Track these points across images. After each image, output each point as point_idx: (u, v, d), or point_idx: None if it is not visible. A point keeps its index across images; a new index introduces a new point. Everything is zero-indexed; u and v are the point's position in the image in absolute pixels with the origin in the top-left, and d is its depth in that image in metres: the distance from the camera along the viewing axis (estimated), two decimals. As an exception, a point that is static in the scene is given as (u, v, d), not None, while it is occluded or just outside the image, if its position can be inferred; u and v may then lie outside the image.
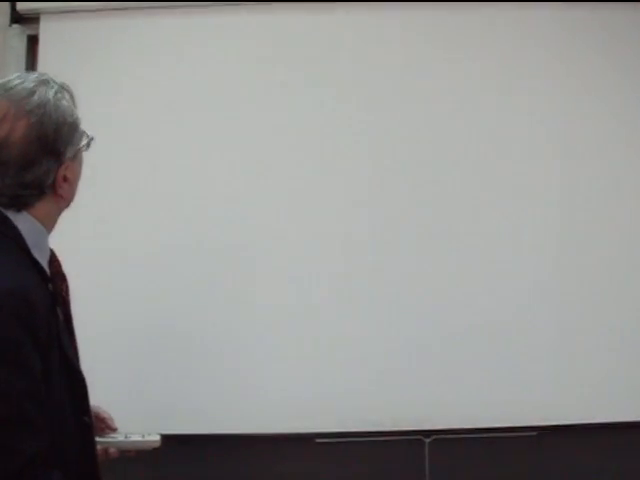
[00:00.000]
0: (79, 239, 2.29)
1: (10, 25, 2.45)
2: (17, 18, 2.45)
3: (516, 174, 2.33)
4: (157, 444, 1.61)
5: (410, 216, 2.32)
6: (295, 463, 2.26)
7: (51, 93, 1.34)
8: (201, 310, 2.27)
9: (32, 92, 1.32)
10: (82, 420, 1.36)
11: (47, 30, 2.40)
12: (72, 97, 1.40)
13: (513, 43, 2.37)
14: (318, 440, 2.23)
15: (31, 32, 2.45)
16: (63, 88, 1.38)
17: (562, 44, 2.37)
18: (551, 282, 2.29)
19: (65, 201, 1.40)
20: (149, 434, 1.61)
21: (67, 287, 1.45)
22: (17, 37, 2.46)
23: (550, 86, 2.35)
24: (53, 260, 1.43)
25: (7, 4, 2.44)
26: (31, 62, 2.44)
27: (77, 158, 1.40)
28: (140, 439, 1.60)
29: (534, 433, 2.22)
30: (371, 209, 2.32)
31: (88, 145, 1.44)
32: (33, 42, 2.44)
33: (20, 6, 2.42)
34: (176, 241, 2.29)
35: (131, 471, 2.22)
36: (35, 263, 1.32)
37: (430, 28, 2.38)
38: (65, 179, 1.36)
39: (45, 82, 1.36)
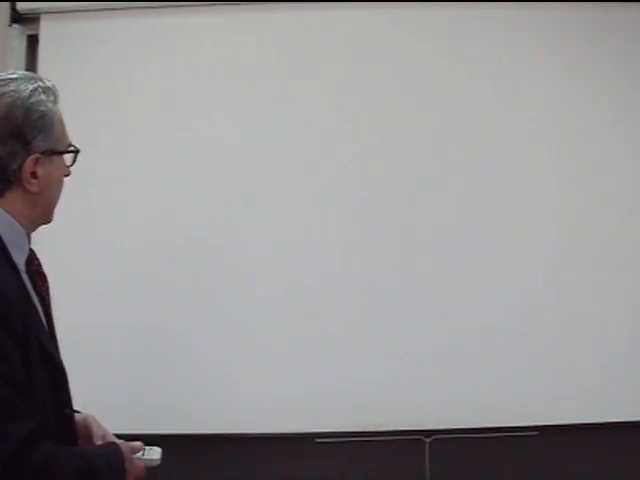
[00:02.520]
0: (77, 238, 2.30)
1: (10, 25, 2.45)
2: (17, 18, 2.45)
3: (515, 174, 2.33)
4: (156, 463, 1.47)
5: (410, 217, 2.32)
6: (295, 463, 2.26)
7: (31, 85, 1.35)
8: (201, 310, 2.28)
9: (12, 80, 1.35)
10: (64, 413, 1.37)
11: (47, 30, 2.40)
12: (56, 99, 1.40)
13: (513, 43, 2.37)
14: (318, 440, 2.23)
15: (31, 32, 2.45)
16: (49, 88, 1.39)
17: (562, 43, 2.37)
18: (551, 283, 2.29)
19: (39, 201, 1.37)
20: (150, 449, 1.48)
21: (47, 287, 1.44)
22: (17, 37, 2.46)
23: (550, 85, 2.35)
24: (33, 259, 1.42)
25: (7, 4, 2.44)
26: (31, 62, 2.44)
27: (53, 160, 1.38)
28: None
29: (534, 433, 2.22)
30: (372, 209, 2.32)
31: (74, 157, 1.44)
32: (33, 42, 2.44)
33: (20, 6, 2.42)
34: (173, 241, 2.30)
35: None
36: (8, 258, 1.32)
37: (430, 28, 2.38)
38: (35, 175, 1.35)
39: (30, 78, 1.38)
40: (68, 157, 1.44)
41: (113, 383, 2.23)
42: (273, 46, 2.37)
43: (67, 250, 2.28)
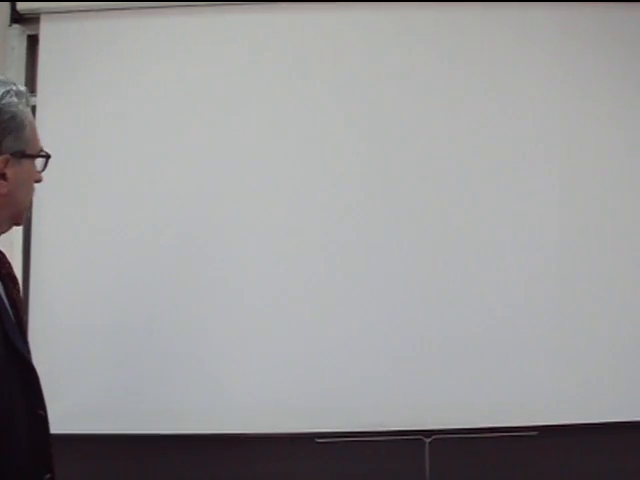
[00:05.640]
0: (74, 239, 2.31)
1: (10, 25, 2.45)
2: (17, 18, 2.44)
3: (514, 175, 2.32)
4: None
5: (408, 217, 2.31)
6: (295, 463, 2.26)
7: (3, 88, 1.37)
8: (201, 310, 2.27)
9: None
10: (36, 413, 1.37)
11: (47, 30, 2.40)
12: (27, 102, 1.42)
13: (512, 43, 2.36)
14: (318, 440, 2.23)
15: (31, 32, 2.44)
16: (21, 92, 1.40)
17: (561, 44, 2.36)
18: (551, 282, 2.29)
19: (6, 203, 1.38)
20: None
21: (18, 290, 1.45)
22: (17, 37, 2.45)
23: (549, 86, 2.34)
24: (4, 262, 1.43)
25: (7, 4, 2.43)
26: (31, 62, 2.44)
27: (23, 163, 1.39)
28: None
29: (534, 433, 2.22)
30: (371, 210, 2.32)
31: (45, 162, 1.45)
32: (33, 42, 2.44)
33: (20, 6, 2.42)
34: (169, 242, 2.29)
35: (134, 472, 2.24)
36: None
37: (429, 28, 2.37)
38: (4, 177, 1.36)
39: (2, 82, 1.39)
40: (39, 162, 1.45)
41: (112, 384, 2.23)
42: (273, 46, 2.36)
43: (63, 251, 2.29)
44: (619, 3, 2.35)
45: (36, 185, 1.47)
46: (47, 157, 1.45)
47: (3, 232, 1.43)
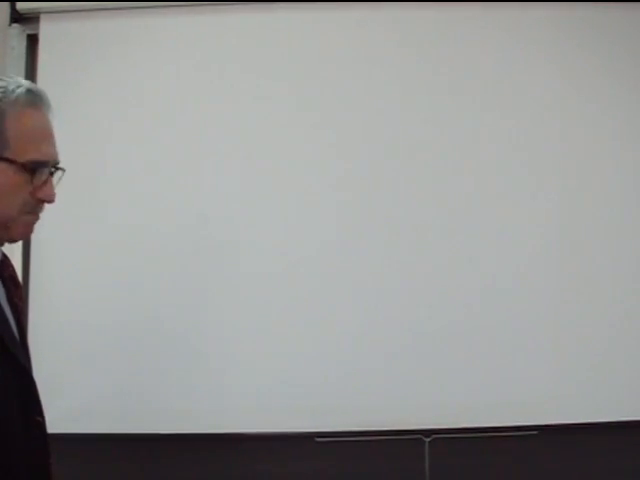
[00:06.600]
0: (75, 238, 2.31)
1: (10, 25, 2.45)
2: (17, 17, 2.44)
3: (512, 173, 2.32)
4: None
5: (404, 213, 2.31)
6: (295, 463, 2.26)
7: (10, 87, 1.27)
8: (201, 310, 2.28)
9: None
10: (34, 420, 1.35)
11: (47, 30, 2.40)
12: (28, 103, 1.29)
13: (512, 43, 2.36)
14: (318, 439, 2.23)
15: (31, 32, 2.44)
16: (7, 88, 1.27)
17: (561, 44, 2.36)
18: (551, 281, 2.29)
19: None
20: None
21: (21, 294, 1.41)
22: (17, 37, 2.45)
23: (548, 85, 2.34)
24: (7, 265, 1.39)
25: (7, 4, 2.43)
26: (31, 62, 2.44)
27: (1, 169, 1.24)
28: None
29: (535, 432, 2.22)
30: (367, 206, 2.32)
31: (45, 175, 1.30)
32: (33, 42, 2.44)
33: (20, 5, 2.42)
34: (169, 241, 2.29)
35: (134, 472, 2.24)
36: None
37: (429, 28, 2.38)
38: None
39: (10, 81, 1.29)
40: (54, 177, 1.31)
41: (112, 384, 2.23)
42: (273, 46, 2.37)
43: (63, 251, 2.29)
44: (619, 3, 2.35)
45: None
46: (32, 170, 1.26)
47: None
